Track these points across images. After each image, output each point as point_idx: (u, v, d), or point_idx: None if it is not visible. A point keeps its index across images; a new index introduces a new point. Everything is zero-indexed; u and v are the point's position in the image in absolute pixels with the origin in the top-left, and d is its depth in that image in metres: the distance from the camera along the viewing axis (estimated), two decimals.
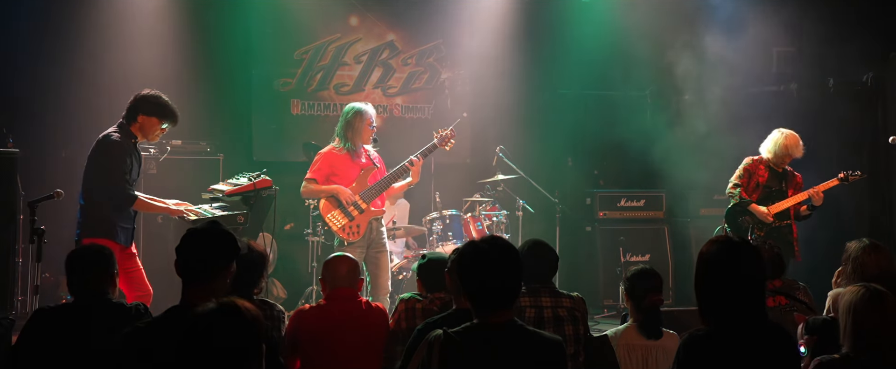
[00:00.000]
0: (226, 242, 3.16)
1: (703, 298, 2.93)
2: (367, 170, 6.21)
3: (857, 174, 6.52)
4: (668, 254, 8.53)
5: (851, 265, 4.37)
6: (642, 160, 9.08)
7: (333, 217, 6.11)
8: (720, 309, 2.87)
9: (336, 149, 6.20)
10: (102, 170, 5.13)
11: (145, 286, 5.24)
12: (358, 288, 4.20)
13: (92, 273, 3.74)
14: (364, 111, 6.19)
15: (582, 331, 3.94)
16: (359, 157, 6.23)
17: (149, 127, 5.27)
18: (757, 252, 2.94)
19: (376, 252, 6.22)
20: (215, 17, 8.08)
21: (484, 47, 9.00)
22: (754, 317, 2.86)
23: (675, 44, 8.38)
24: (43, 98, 7.50)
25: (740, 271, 2.87)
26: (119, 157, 5.12)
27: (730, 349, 2.83)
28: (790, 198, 6.54)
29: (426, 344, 2.81)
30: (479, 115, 9.00)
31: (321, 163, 6.19)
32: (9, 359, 3.75)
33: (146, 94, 5.29)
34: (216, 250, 3.13)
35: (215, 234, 3.15)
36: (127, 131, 5.23)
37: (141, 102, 5.26)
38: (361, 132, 6.18)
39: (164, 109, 5.30)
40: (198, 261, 3.11)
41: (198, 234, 3.16)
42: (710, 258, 2.93)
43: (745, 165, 6.67)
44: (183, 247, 3.13)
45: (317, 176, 6.17)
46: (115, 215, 5.13)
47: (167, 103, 5.31)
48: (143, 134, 5.29)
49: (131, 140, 5.24)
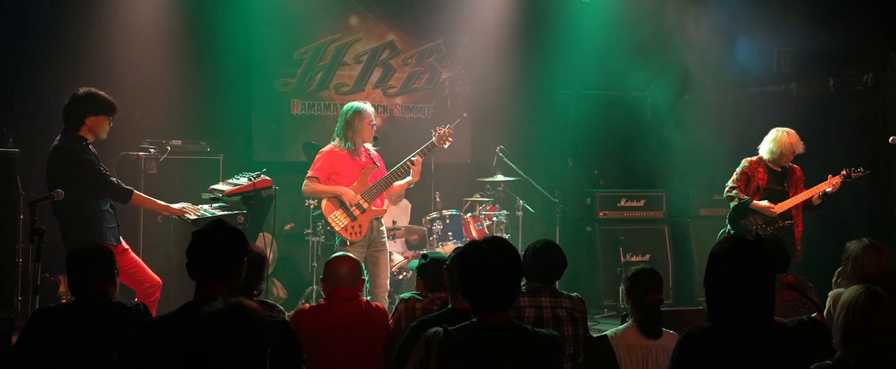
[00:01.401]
0: (235, 240, 3.16)
1: (710, 295, 2.90)
2: (368, 170, 6.23)
3: (860, 171, 6.50)
4: (668, 254, 8.52)
5: (851, 265, 4.37)
6: (642, 160, 9.09)
7: (336, 217, 6.13)
8: (726, 306, 2.85)
9: (337, 148, 6.21)
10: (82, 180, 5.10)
11: (150, 276, 5.24)
12: (359, 288, 4.20)
13: (92, 273, 3.74)
14: (363, 110, 6.20)
15: (581, 332, 3.95)
16: (359, 156, 6.24)
17: (98, 126, 5.23)
18: (766, 251, 2.92)
19: (376, 251, 6.23)
20: (215, 17, 8.07)
21: (484, 47, 9.00)
22: (760, 316, 2.84)
23: (675, 43, 8.38)
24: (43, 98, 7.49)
25: (747, 269, 2.84)
26: (82, 159, 5.11)
27: (730, 346, 2.81)
28: (792, 197, 6.52)
29: (424, 341, 2.80)
30: (479, 115, 8.99)
31: (323, 161, 6.20)
32: (9, 359, 3.75)
33: (83, 95, 5.20)
34: (227, 249, 3.13)
35: (224, 233, 3.15)
36: (75, 137, 5.17)
37: (82, 104, 5.18)
38: (361, 131, 6.19)
39: (107, 104, 5.24)
40: (210, 261, 3.10)
41: (207, 235, 3.15)
42: (719, 255, 2.90)
43: (742, 168, 6.63)
44: (193, 248, 3.12)
45: (318, 174, 6.18)
46: (97, 217, 5.12)
47: (106, 97, 5.25)
48: (94, 134, 5.24)
49: (83, 143, 5.19)
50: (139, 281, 5.19)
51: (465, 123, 8.51)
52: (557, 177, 8.97)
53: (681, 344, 2.90)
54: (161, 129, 7.57)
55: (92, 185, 5.11)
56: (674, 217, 8.72)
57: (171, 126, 7.69)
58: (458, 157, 8.95)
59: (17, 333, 3.86)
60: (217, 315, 2.42)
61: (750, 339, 2.82)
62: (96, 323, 3.57)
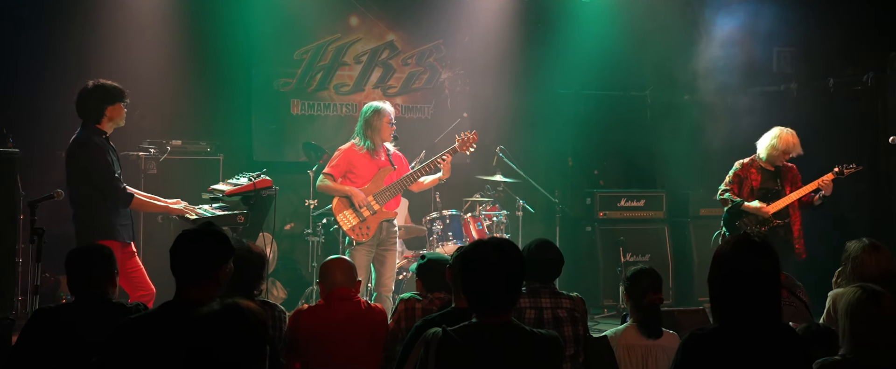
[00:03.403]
0: (219, 243, 3.12)
1: (714, 296, 2.87)
2: (384, 171, 6.23)
3: (852, 167, 6.46)
4: (668, 254, 8.53)
5: (851, 265, 4.37)
6: (642, 160, 9.09)
7: (345, 217, 6.14)
8: (731, 307, 2.81)
9: (357, 147, 6.22)
10: (89, 175, 5.12)
11: (147, 285, 5.25)
12: (356, 288, 4.20)
13: (92, 273, 3.74)
14: (382, 109, 6.22)
15: (582, 332, 3.94)
16: (378, 156, 6.25)
17: (117, 114, 5.26)
18: (772, 250, 2.86)
19: (384, 250, 6.25)
20: (215, 17, 8.07)
21: (484, 47, 9.00)
22: (766, 317, 2.80)
23: (675, 43, 8.38)
24: (43, 98, 7.49)
25: (753, 268, 2.80)
26: (102, 159, 5.11)
27: (735, 348, 2.77)
28: (788, 195, 6.48)
29: (423, 341, 2.79)
30: (479, 115, 8.99)
31: (340, 159, 6.22)
32: (9, 359, 3.75)
33: (94, 87, 5.22)
34: (210, 251, 3.09)
35: (208, 235, 3.12)
36: (95, 130, 5.20)
37: (97, 97, 5.20)
38: (381, 130, 6.20)
39: (118, 91, 5.27)
40: (191, 262, 3.08)
41: (191, 236, 3.12)
42: (724, 254, 2.86)
43: (735, 171, 6.57)
44: (176, 248, 3.10)
45: (334, 172, 6.20)
46: (112, 214, 5.14)
47: (115, 85, 5.29)
48: (115, 123, 5.27)
49: (102, 137, 5.22)
50: (137, 286, 5.19)
51: (465, 123, 8.50)
52: (557, 177, 8.97)
53: (684, 345, 2.86)
54: (161, 129, 7.57)
55: (99, 185, 5.11)
56: (674, 217, 8.72)
57: (171, 126, 7.70)
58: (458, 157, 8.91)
59: (17, 333, 3.85)
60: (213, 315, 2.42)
61: (756, 341, 2.77)
62: (96, 324, 3.57)
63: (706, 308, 5.58)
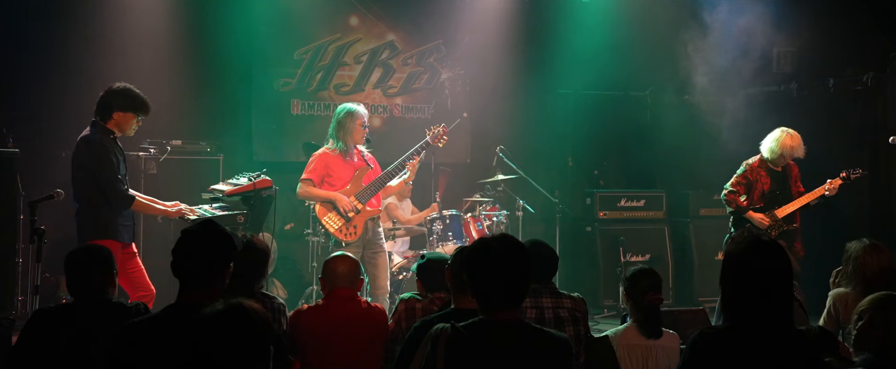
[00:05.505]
0: (223, 242, 3.07)
1: (726, 295, 2.84)
2: (362, 171, 6.23)
3: (859, 172, 6.47)
4: (668, 254, 8.53)
5: (851, 265, 4.38)
6: (642, 160, 9.09)
7: (330, 220, 6.14)
8: (742, 307, 2.77)
9: (330, 149, 6.22)
10: (93, 174, 5.12)
11: (147, 285, 5.24)
12: (357, 288, 4.19)
13: (92, 273, 3.73)
14: (355, 111, 6.21)
15: (582, 332, 3.94)
16: (351, 158, 6.24)
17: (125, 122, 5.25)
18: (784, 250, 2.84)
19: (373, 253, 6.23)
20: (215, 17, 8.07)
21: (484, 47, 9.00)
22: (778, 318, 2.76)
23: (674, 43, 8.38)
24: (43, 98, 7.49)
25: (765, 267, 2.76)
26: (106, 158, 5.11)
27: (745, 349, 2.73)
28: (795, 201, 6.47)
29: (430, 338, 2.75)
30: (479, 115, 8.99)
31: (317, 163, 6.21)
32: (9, 359, 3.75)
33: (118, 89, 5.24)
34: (213, 251, 3.06)
35: (212, 234, 3.08)
36: (104, 129, 5.20)
37: (113, 98, 5.21)
38: (353, 132, 6.19)
39: (138, 102, 5.26)
40: (194, 262, 3.04)
41: (194, 235, 3.07)
42: (736, 254, 2.82)
43: (743, 172, 6.54)
44: (179, 248, 3.06)
45: (312, 176, 6.19)
46: (114, 214, 5.14)
47: (139, 95, 5.28)
48: (120, 129, 5.25)
49: (110, 137, 5.22)
50: (137, 286, 5.18)
51: (465, 123, 8.50)
52: (557, 177, 8.96)
53: (693, 343, 2.81)
54: (161, 129, 7.56)
55: (101, 184, 5.11)
56: (674, 217, 8.73)
57: (171, 126, 7.68)
58: (458, 157, 8.96)
59: (17, 333, 3.85)
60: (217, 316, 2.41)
61: (767, 342, 2.73)
62: (96, 323, 3.57)
63: (706, 308, 5.59)
